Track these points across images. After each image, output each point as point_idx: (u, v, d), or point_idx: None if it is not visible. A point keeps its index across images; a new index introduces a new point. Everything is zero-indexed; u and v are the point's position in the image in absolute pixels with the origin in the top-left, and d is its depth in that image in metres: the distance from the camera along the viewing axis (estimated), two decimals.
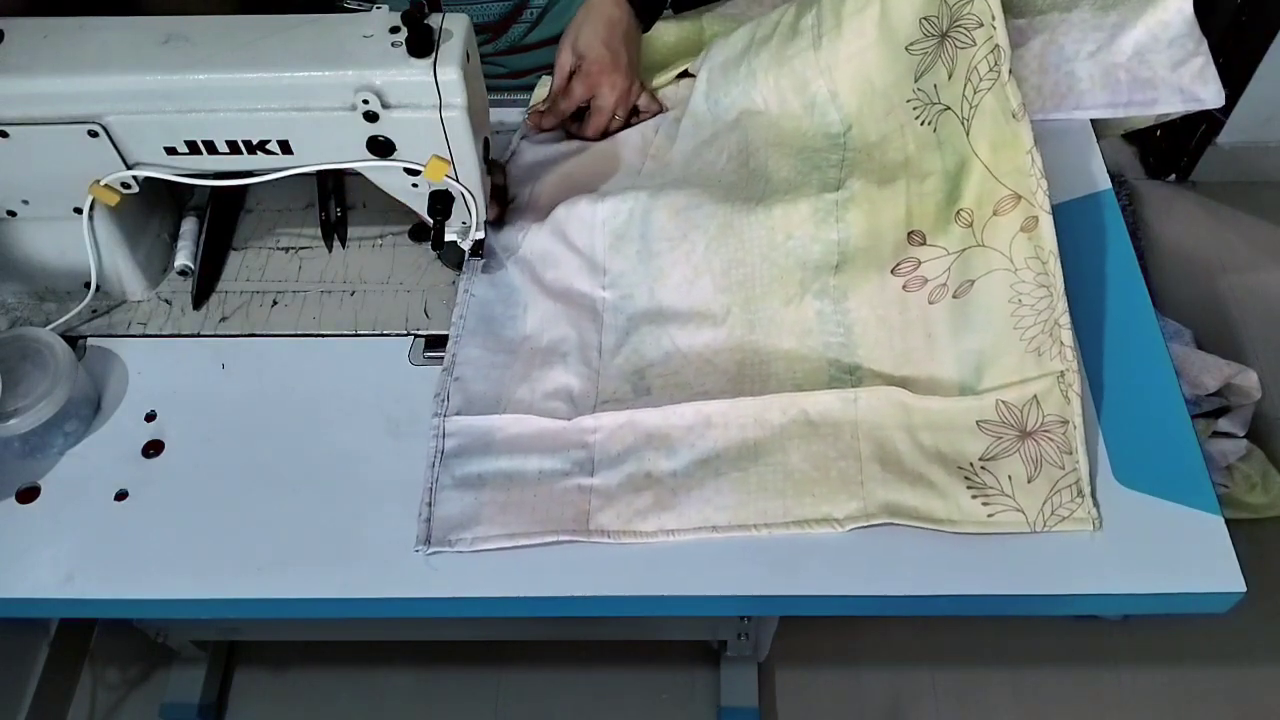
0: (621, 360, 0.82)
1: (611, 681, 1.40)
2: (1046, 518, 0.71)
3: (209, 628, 1.32)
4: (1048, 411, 0.74)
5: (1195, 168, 1.90)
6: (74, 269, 0.83)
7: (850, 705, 1.40)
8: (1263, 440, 1.53)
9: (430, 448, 0.77)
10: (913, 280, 0.80)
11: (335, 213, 0.93)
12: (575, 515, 0.74)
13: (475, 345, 0.82)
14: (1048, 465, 0.73)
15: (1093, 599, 0.71)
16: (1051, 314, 0.75)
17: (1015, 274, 0.76)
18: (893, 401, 0.76)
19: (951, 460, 0.74)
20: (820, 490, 0.73)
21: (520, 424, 0.78)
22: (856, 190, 0.83)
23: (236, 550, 0.74)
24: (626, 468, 0.75)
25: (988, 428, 0.75)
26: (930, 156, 0.83)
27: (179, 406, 0.81)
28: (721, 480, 0.74)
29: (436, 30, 0.71)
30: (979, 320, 0.77)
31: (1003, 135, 0.78)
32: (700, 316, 0.83)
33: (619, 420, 0.77)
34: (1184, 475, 0.74)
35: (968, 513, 0.72)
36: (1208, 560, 0.71)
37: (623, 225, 0.86)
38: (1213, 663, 1.41)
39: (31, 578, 0.73)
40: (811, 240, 0.82)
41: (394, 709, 1.41)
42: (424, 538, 0.73)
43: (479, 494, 0.75)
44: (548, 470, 0.76)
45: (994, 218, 0.77)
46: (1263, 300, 1.75)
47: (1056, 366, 0.74)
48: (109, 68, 0.72)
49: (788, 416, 0.76)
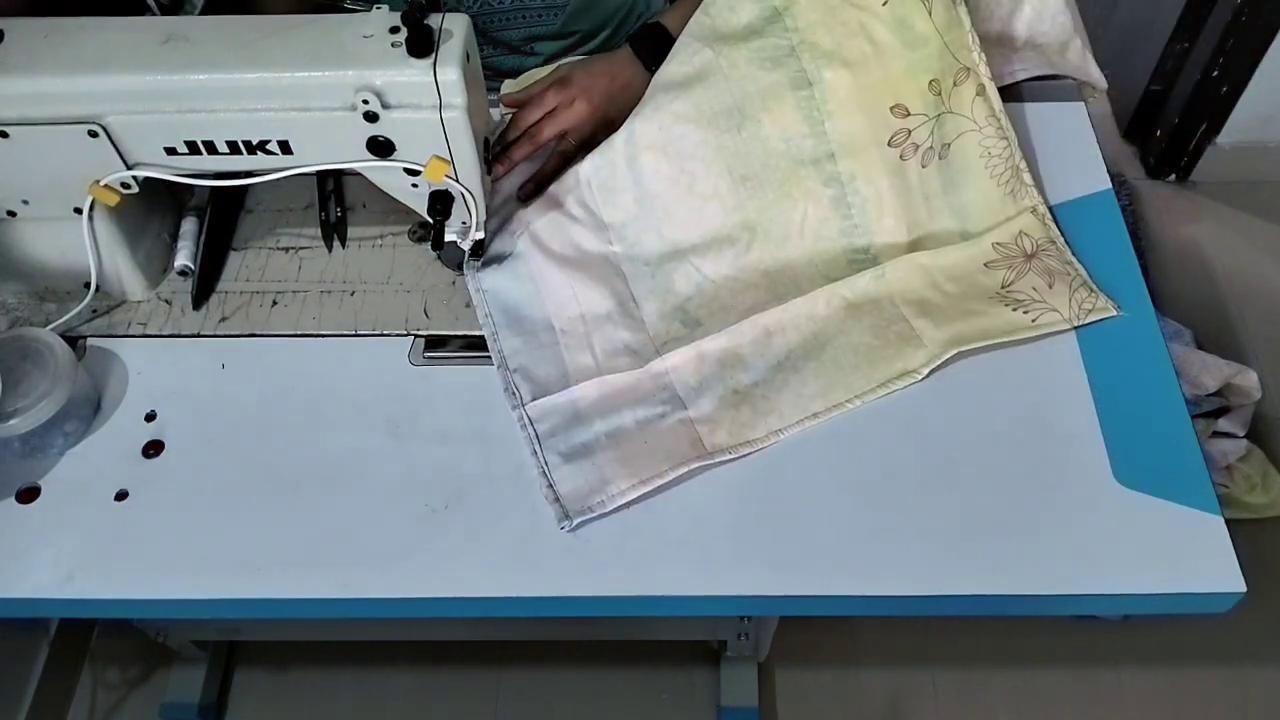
0: (659, 303, 0.85)
1: (611, 681, 1.40)
2: (1078, 312, 0.82)
3: (209, 628, 1.32)
4: (1035, 238, 0.86)
5: (1195, 168, 1.90)
6: (74, 269, 0.83)
7: (850, 705, 1.40)
8: (1263, 440, 1.53)
9: (523, 437, 0.78)
10: (907, 148, 0.87)
11: (335, 213, 0.93)
12: (691, 443, 0.77)
13: (513, 336, 0.83)
14: (1058, 274, 0.84)
15: (1093, 599, 0.71)
16: (1012, 159, 0.88)
17: (980, 131, 0.88)
18: (914, 266, 0.84)
19: (981, 294, 0.84)
20: (889, 352, 0.81)
21: (599, 386, 0.80)
22: (829, 80, 0.87)
23: (236, 550, 0.74)
24: (714, 392, 0.79)
25: (995, 265, 0.85)
26: (892, 38, 0.87)
27: (179, 406, 0.81)
28: (803, 373, 0.80)
29: (436, 30, 0.71)
30: (961, 176, 0.88)
31: (951, 18, 0.87)
32: (717, 241, 0.86)
33: (687, 355, 0.81)
34: (1184, 475, 0.75)
35: (1015, 323, 0.81)
36: (1208, 560, 0.71)
37: (609, 178, 0.86)
38: (1213, 663, 1.41)
39: (31, 578, 0.73)
40: (804, 137, 0.87)
41: (394, 709, 1.40)
42: (563, 515, 0.74)
43: (593, 459, 0.76)
44: (644, 418, 0.78)
45: (955, 87, 0.88)
46: (1263, 300, 1.75)
47: (1028, 202, 0.87)
48: (109, 68, 0.72)
49: (832, 307, 0.83)
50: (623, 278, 0.86)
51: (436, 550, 0.74)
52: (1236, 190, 1.90)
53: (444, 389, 0.81)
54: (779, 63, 0.88)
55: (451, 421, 0.80)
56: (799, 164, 0.87)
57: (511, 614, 0.73)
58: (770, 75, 0.88)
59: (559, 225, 0.87)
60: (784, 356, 0.81)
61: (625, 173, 0.86)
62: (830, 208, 0.87)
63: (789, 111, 0.87)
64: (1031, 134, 0.94)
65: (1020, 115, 0.95)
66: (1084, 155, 0.94)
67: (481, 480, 0.77)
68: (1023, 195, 0.87)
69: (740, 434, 0.77)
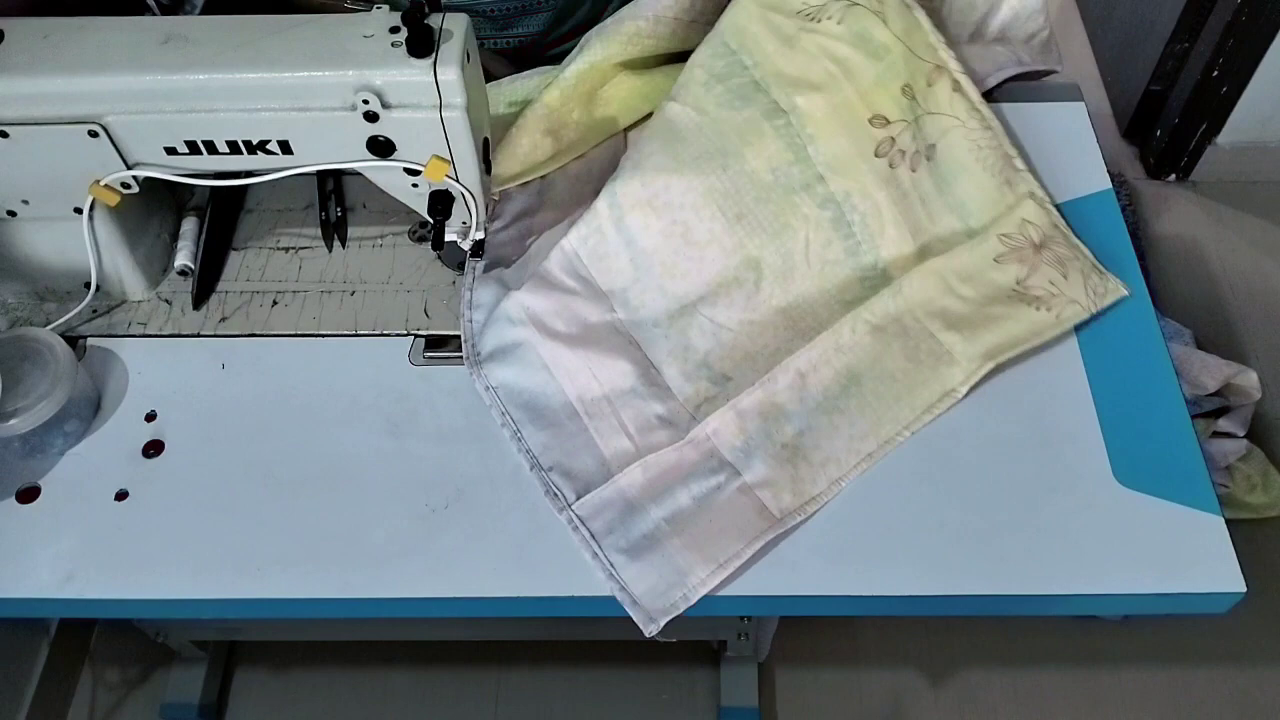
0: (680, 364, 0.81)
1: (611, 681, 1.40)
2: (1094, 299, 0.81)
3: (209, 628, 1.32)
4: (1040, 225, 0.84)
5: (1195, 168, 1.90)
6: (74, 269, 0.83)
7: (850, 705, 1.40)
8: (1263, 440, 1.53)
9: (578, 540, 0.73)
10: (894, 156, 0.87)
11: (335, 213, 0.93)
12: (758, 512, 0.73)
13: (538, 431, 0.77)
14: (1069, 260, 0.82)
15: (1093, 599, 0.71)
16: (1001, 147, 0.86)
17: (964, 125, 0.86)
18: (927, 274, 0.81)
19: (1000, 295, 0.81)
20: (925, 375, 0.78)
21: (642, 470, 0.75)
22: (801, 105, 0.87)
23: (236, 550, 0.74)
24: (764, 450, 0.75)
25: (1005, 259, 0.82)
26: (855, 54, 0.87)
27: (179, 406, 0.81)
28: (847, 413, 0.77)
29: (436, 30, 0.71)
30: (953, 173, 0.86)
31: (909, 22, 0.87)
32: (724, 286, 0.84)
33: (726, 417, 0.77)
34: (1184, 475, 0.75)
35: (1040, 323, 0.80)
36: (1208, 560, 0.71)
37: (598, 245, 0.84)
38: (1213, 663, 1.41)
39: (31, 578, 0.73)
40: (791, 165, 0.86)
41: (394, 709, 1.41)
42: (646, 619, 0.70)
43: (661, 550, 0.72)
44: (700, 493, 0.74)
45: (929, 88, 0.86)
46: (1263, 300, 1.75)
47: (1025, 188, 0.85)
48: (109, 68, 0.72)
49: (858, 333, 0.80)
50: (636, 345, 0.82)
51: (436, 550, 0.74)
52: (1236, 190, 1.90)
53: (444, 389, 0.81)
54: (748, 99, 0.88)
55: (451, 421, 0.80)
56: (791, 192, 0.85)
57: (511, 614, 0.73)
58: (742, 112, 0.87)
59: (557, 303, 0.82)
60: (822, 398, 0.77)
61: (615, 236, 0.83)
62: (831, 229, 0.85)
63: (770, 142, 0.86)
64: (1031, 134, 0.94)
65: (1020, 115, 0.95)
66: (1084, 155, 0.94)
67: (481, 480, 0.77)
68: (1018, 181, 0.85)
69: (804, 491, 0.74)
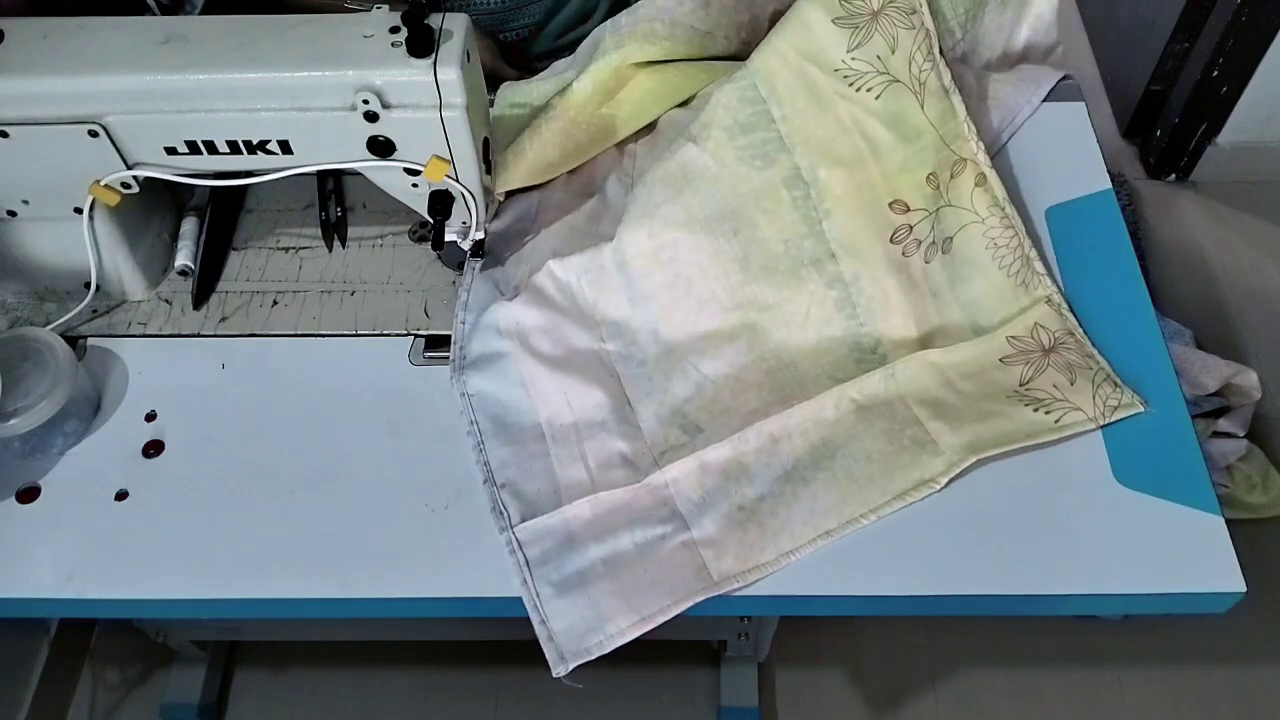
0: (656, 406, 0.79)
1: (611, 681, 1.40)
2: (1103, 410, 0.76)
3: (209, 628, 1.32)
4: (1052, 330, 0.80)
5: (1195, 168, 1.90)
6: (74, 269, 0.83)
7: (850, 705, 1.39)
8: (1263, 440, 1.53)
9: (511, 563, 0.72)
10: (909, 245, 0.85)
11: (335, 213, 0.93)
12: (696, 572, 0.71)
13: (501, 446, 0.77)
14: (1079, 369, 0.79)
15: (1093, 599, 0.71)
16: (1021, 249, 0.83)
17: (983, 223, 0.84)
18: (925, 364, 0.79)
19: (998, 393, 0.78)
20: (904, 460, 0.75)
21: (591, 505, 0.74)
22: (824, 179, 0.85)
23: (236, 550, 0.74)
24: (718, 509, 0.73)
25: (1012, 360, 0.80)
26: (888, 135, 0.86)
27: (179, 406, 0.81)
28: (813, 486, 0.74)
29: (436, 30, 0.71)
30: (967, 270, 0.83)
31: (944, 108, 0.85)
32: (714, 339, 0.82)
33: (688, 467, 0.75)
34: (1184, 475, 0.75)
35: (1037, 424, 0.76)
36: (1208, 560, 0.71)
37: (598, 278, 0.83)
38: (1213, 663, 1.41)
39: (31, 578, 0.73)
40: (804, 238, 0.84)
41: (394, 709, 1.40)
42: (557, 658, 0.69)
43: (588, 591, 0.70)
44: (643, 540, 0.72)
45: (952, 180, 0.85)
46: (1263, 300, 1.75)
47: (1041, 292, 0.82)
48: (109, 68, 0.72)
49: (841, 410, 0.78)
50: (616, 378, 0.80)
51: (436, 550, 0.74)
52: (1236, 190, 1.90)
53: (444, 389, 0.81)
54: (770, 160, 0.85)
55: (451, 421, 0.80)
56: (800, 265, 0.83)
57: (511, 614, 0.73)
58: (762, 174, 0.85)
59: (548, 320, 0.81)
60: (791, 466, 0.75)
61: (615, 275, 0.82)
62: (834, 309, 0.83)
63: (786, 212, 0.84)
64: (1031, 134, 0.94)
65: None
66: (1084, 155, 0.94)
67: (481, 480, 0.77)
68: (1035, 285, 0.82)
69: (749, 558, 0.71)
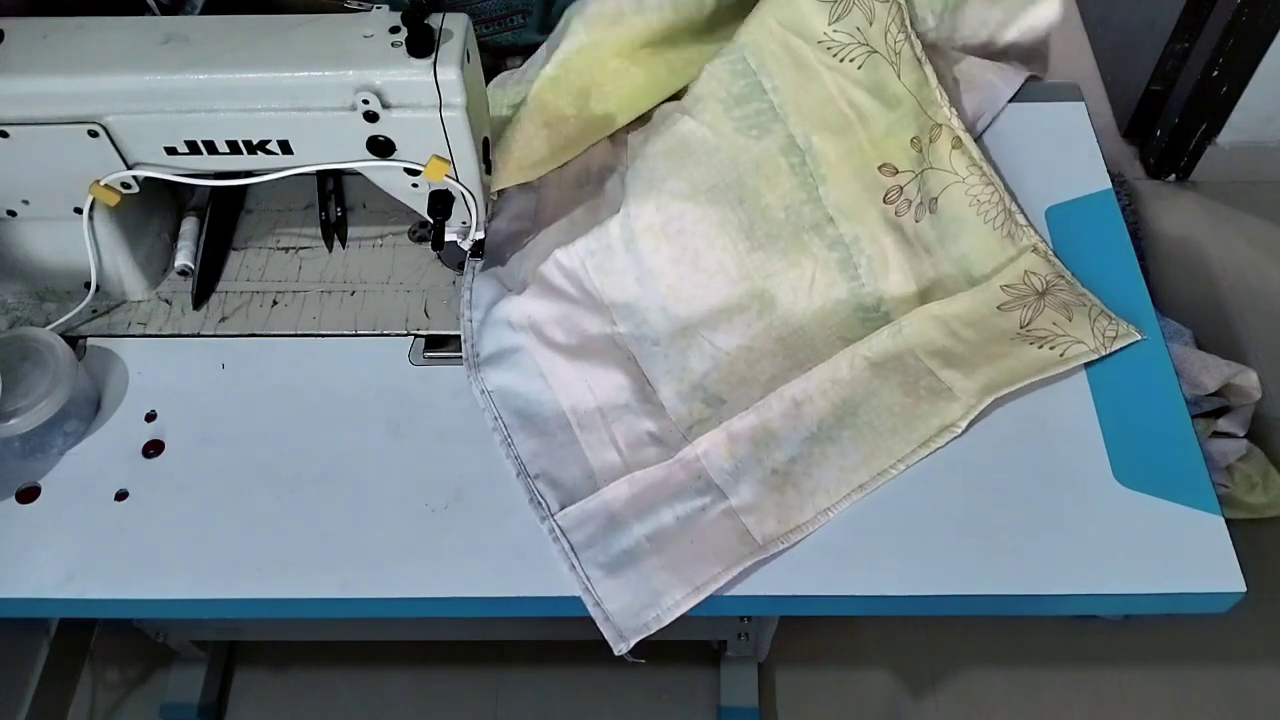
0: (675, 383, 0.81)
1: (611, 681, 1.40)
2: (1103, 340, 0.79)
3: (209, 628, 1.32)
4: (1043, 275, 0.84)
5: (1195, 168, 1.90)
6: (74, 269, 0.83)
7: (850, 705, 1.40)
8: (1263, 440, 1.53)
9: (556, 551, 0.72)
10: (901, 205, 0.88)
11: (335, 213, 0.93)
12: (740, 538, 0.72)
13: (528, 438, 0.77)
14: (1074, 306, 0.82)
15: (1093, 599, 0.71)
16: (1003, 203, 0.86)
17: (964, 182, 0.87)
18: (928, 317, 0.81)
19: (1002, 337, 0.80)
20: (923, 409, 0.77)
21: (629, 485, 0.75)
22: (817, 146, 0.88)
23: (236, 550, 0.74)
24: (753, 475, 0.75)
25: (1009, 306, 0.82)
26: (870, 102, 0.89)
27: (179, 406, 0.81)
28: (840, 443, 0.76)
29: (436, 30, 0.71)
30: (954, 227, 0.86)
31: (918, 77, 0.88)
32: (724, 312, 0.84)
33: (717, 438, 0.76)
34: (1184, 475, 0.75)
35: (1043, 360, 0.79)
36: (1208, 560, 0.71)
37: (605, 260, 0.84)
38: (1213, 663, 1.41)
39: (31, 578, 0.73)
40: (803, 204, 0.88)
41: (394, 709, 1.40)
42: (616, 636, 0.70)
43: (638, 568, 0.71)
44: (684, 513, 0.73)
45: (931, 144, 0.87)
46: (1263, 300, 1.75)
47: (1027, 242, 0.85)
48: (109, 68, 0.72)
49: (856, 368, 0.80)
50: (634, 360, 0.82)
51: (436, 550, 0.74)
52: (1236, 190, 1.90)
53: (444, 389, 0.81)
54: (765, 129, 0.89)
55: (451, 421, 0.80)
56: (801, 230, 0.87)
57: (511, 614, 0.73)
58: (760, 143, 0.88)
59: (559, 311, 0.82)
60: (816, 427, 0.77)
61: (623, 255, 0.84)
62: (837, 271, 0.86)
63: (785, 179, 0.88)
64: (1031, 134, 0.94)
65: (1020, 115, 0.95)
66: (1084, 155, 0.94)
67: (481, 480, 0.77)
68: (1020, 236, 0.85)
69: (789, 519, 0.73)
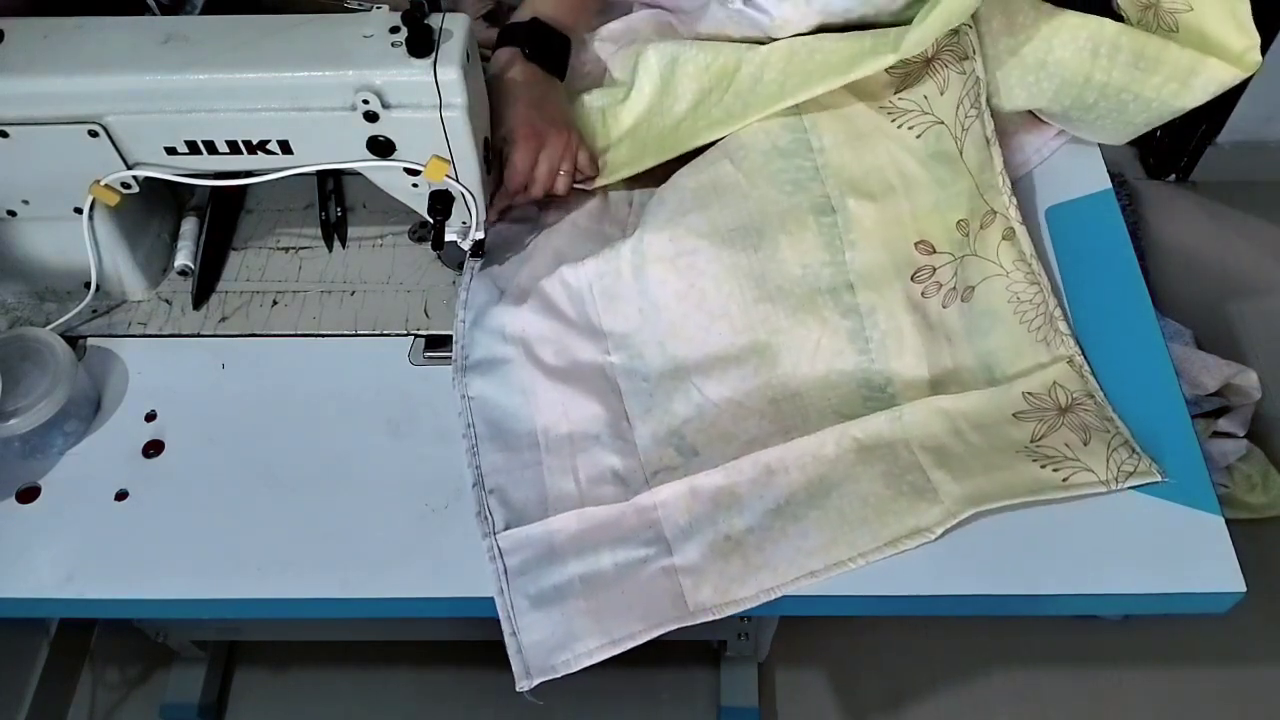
0: (654, 424, 0.78)
1: (611, 682, 1.40)
2: (1115, 474, 0.74)
3: (209, 628, 1.32)
4: (1071, 390, 0.78)
5: (1195, 168, 1.90)
6: (74, 269, 0.83)
7: (850, 705, 1.40)
8: (1263, 440, 1.53)
9: (490, 570, 0.71)
10: (929, 286, 0.83)
11: (335, 213, 0.93)
12: (672, 600, 0.70)
13: (494, 451, 0.76)
14: (1094, 430, 0.76)
15: (1093, 599, 0.71)
16: (1045, 307, 0.81)
17: (1007, 276, 0.82)
18: (934, 410, 0.77)
19: (1007, 447, 0.75)
20: (900, 505, 0.72)
21: (578, 520, 0.73)
22: (853, 209, 0.84)
23: (236, 550, 0.74)
24: (704, 536, 0.72)
25: (1025, 416, 0.77)
26: (923, 174, 0.85)
27: (179, 406, 0.81)
28: (804, 523, 0.72)
29: (436, 30, 0.71)
30: (986, 322, 0.81)
31: (983, 157, 0.85)
32: (723, 361, 0.80)
33: (679, 490, 0.74)
34: (1184, 475, 0.74)
35: (1044, 482, 0.73)
36: (1208, 560, 0.71)
37: (612, 284, 0.82)
38: (1213, 663, 1.41)
39: (31, 578, 0.73)
40: (823, 265, 0.82)
41: (394, 709, 1.40)
42: (523, 671, 0.69)
43: (563, 607, 0.70)
44: (624, 561, 0.72)
45: (981, 230, 0.83)
46: (1263, 300, 1.75)
47: (1064, 352, 0.79)
48: (109, 68, 0.72)
49: (842, 447, 0.76)
50: (618, 393, 0.79)
51: (436, 550, 0.74)
52: (1236, 190, 1.90)
53: (444, 389, 0.81)
54: (801, 186, 0.85)
55: (451, 421, 0.80)
56: (816, 292, 0.81)
57: None
58: (791, 198, 0.84)
59: (553, 331, 0.80)
60: (784, 500, 0.73)
61: (630, 282, 0.81)
62: (846, 340, 0.80)
63: (809, 237, 0.83)
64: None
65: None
66: (1084, 155, 0.94)
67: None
68: (1057, 344, 0.80)
69: (728, 591, 0.70)
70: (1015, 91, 0.88)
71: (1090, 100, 0.87)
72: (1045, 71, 0.87)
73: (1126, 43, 0.84)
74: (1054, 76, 0.86)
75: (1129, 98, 0.86)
